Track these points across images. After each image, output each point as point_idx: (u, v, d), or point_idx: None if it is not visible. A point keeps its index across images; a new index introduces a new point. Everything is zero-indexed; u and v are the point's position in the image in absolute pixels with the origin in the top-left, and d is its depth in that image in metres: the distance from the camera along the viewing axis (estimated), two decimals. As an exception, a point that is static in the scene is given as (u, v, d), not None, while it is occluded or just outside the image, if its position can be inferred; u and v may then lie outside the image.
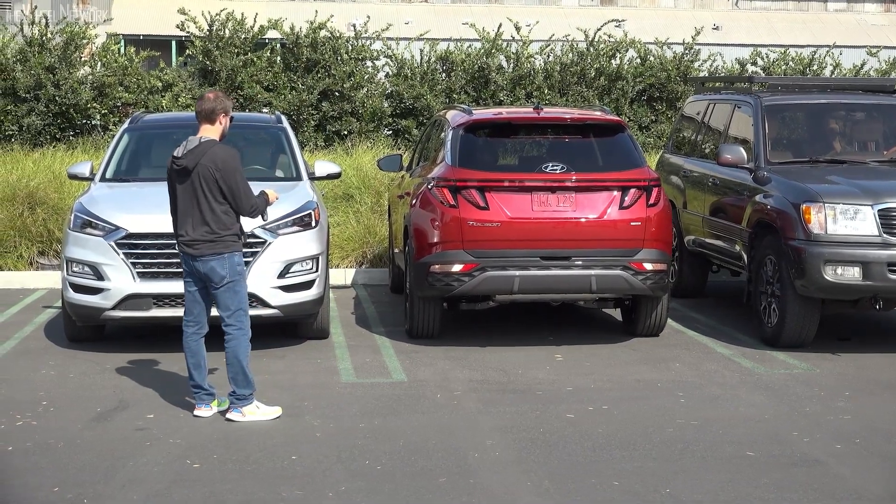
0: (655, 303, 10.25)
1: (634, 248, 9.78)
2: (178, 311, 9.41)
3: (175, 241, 8.10)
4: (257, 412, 7.84)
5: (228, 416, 7.84)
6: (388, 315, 11.61)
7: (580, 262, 9.71)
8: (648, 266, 9.79)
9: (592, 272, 9.71)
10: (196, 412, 7.94)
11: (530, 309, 11.43)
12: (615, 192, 9.86)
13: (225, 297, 7.84)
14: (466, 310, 10.40)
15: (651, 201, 9.93)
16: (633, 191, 9.87)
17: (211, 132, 7.86)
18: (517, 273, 9.67)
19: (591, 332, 10.70)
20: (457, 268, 9.71)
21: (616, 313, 11.26)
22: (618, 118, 10.70)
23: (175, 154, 7.83)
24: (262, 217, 8.32)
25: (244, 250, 9.56)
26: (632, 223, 9.80)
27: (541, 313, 11.42)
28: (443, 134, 10.81)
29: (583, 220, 9.76)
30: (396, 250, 11.83)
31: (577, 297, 9.99)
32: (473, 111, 10.76)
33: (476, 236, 9.69)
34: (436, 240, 9.84)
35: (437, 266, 9.76)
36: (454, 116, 10.73)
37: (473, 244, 9.69)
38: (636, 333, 10.45)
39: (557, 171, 9.86)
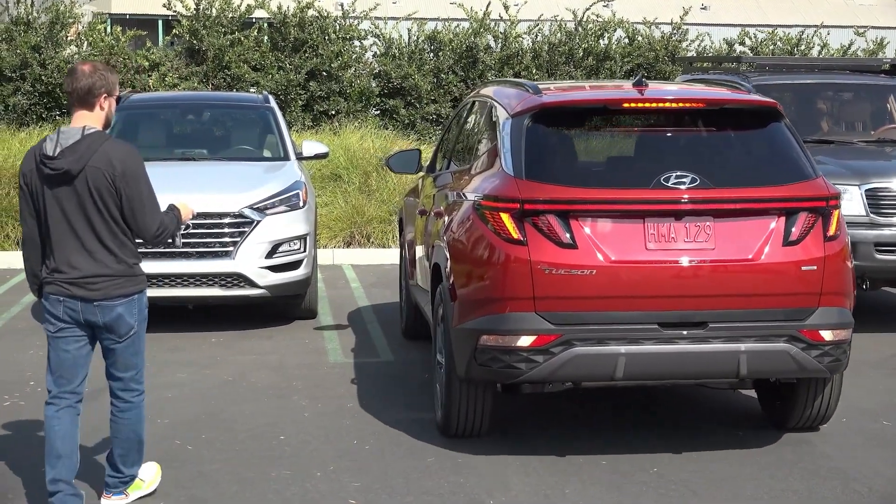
0: (824, 384, 6.83)
1: (806, 306, 6.34)
2: (166, 291, 9.46)
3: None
4: (142, 486, 5.95)
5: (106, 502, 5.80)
6: (376, 295, 11.61)
7: (722, 332, 6.24)
8: (827, 335, 6.36)
9: (741, 346, 6.22)
10: None
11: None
12: (775, 219, 6.35)
13: (128, 353, 5.65)
14: (529, 393, 6.85)
15: (830, 232, 6.43)
16: (802, 215, 6.38)
17: (91, 120, 5.42)
18: (622, 350, 6.18)
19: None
20: (525, 341, 6.17)
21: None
22: (770, 100, 7.03)
23: (45, 152, 5.34)
24: (172, 242, 5.88)
25: (231, 230, 9.63)
26: (802, 267, 6.32)
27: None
28: (482, 122, 7.61)
29: (726, 263, 6.27)
30: (412, 282, 8.88)
31: (713, 382, 6.73)
32: (541, 88, 7.01)
33: (556, 291, 6.18)
34: (490, 295, 6.31)
35: (491, 337, 6.26)
36: (508, 96, 7.11)
37: (552, 303, 6.18)
38: (787, 426, 7.04)
39: (685, 186, 6.30)
